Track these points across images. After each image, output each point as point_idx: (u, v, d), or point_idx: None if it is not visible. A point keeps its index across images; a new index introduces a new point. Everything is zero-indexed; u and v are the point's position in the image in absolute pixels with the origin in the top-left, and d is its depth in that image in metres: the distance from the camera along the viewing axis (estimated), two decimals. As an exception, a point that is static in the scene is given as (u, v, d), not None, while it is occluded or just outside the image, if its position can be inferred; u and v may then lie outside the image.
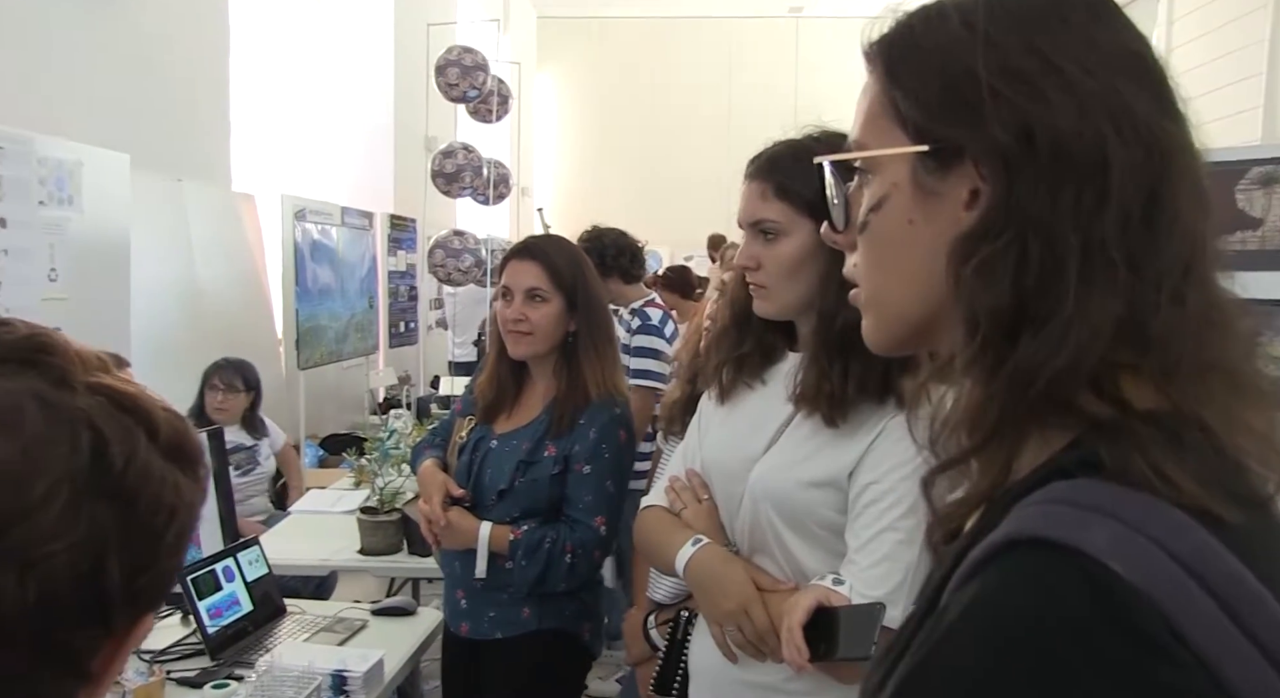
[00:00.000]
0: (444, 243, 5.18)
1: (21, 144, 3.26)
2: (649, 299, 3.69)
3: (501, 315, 2.00)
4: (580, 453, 1.93)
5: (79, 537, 0.49)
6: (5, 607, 0.47)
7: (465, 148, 5.42)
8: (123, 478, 0.52)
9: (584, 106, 13.08)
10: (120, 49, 4.15)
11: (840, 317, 1.23)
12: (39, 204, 3.36)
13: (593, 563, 1.96)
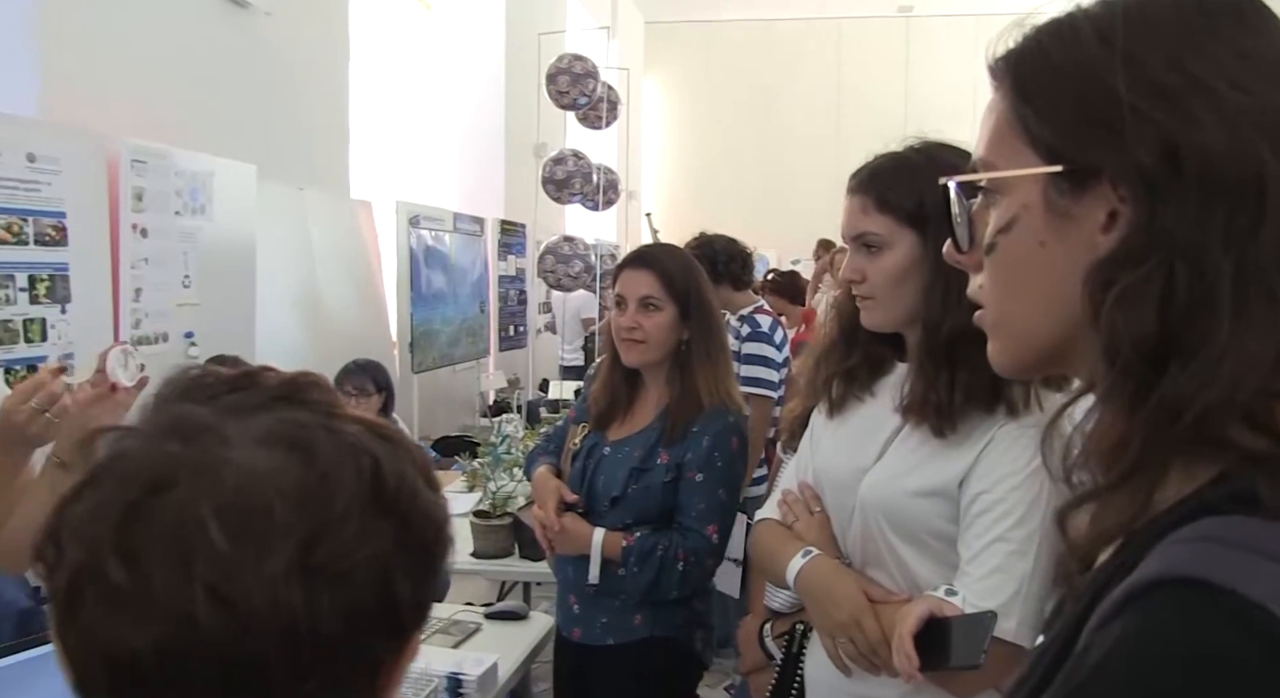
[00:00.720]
0: (554, 249, 5.24)
1: (161, 158, 3.43)
2: (758, 306, 3.66)
3: (615, 323, 2.01)
4: (693, 461, 1.92)
5: (373, 551, 0.53)
6: (321, 618, 0.51)
7: (575, 154, 5.48)
8: (397, 497, 0.55)
9: (690, 110, 13.08)
10: (248, 66, 4.33)
11: (945, 326, 1.23)
12: (175, 214, 3.53)
13: (705, 571, 1.95)
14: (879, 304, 1.32)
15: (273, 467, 0.52)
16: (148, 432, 0.55)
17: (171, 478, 0.51)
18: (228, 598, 0.49)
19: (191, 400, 0.56)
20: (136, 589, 0.49)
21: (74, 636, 0.51)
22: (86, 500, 0.52)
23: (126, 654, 0.49)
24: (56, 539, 0.52)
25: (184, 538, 0.50)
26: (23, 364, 2.82)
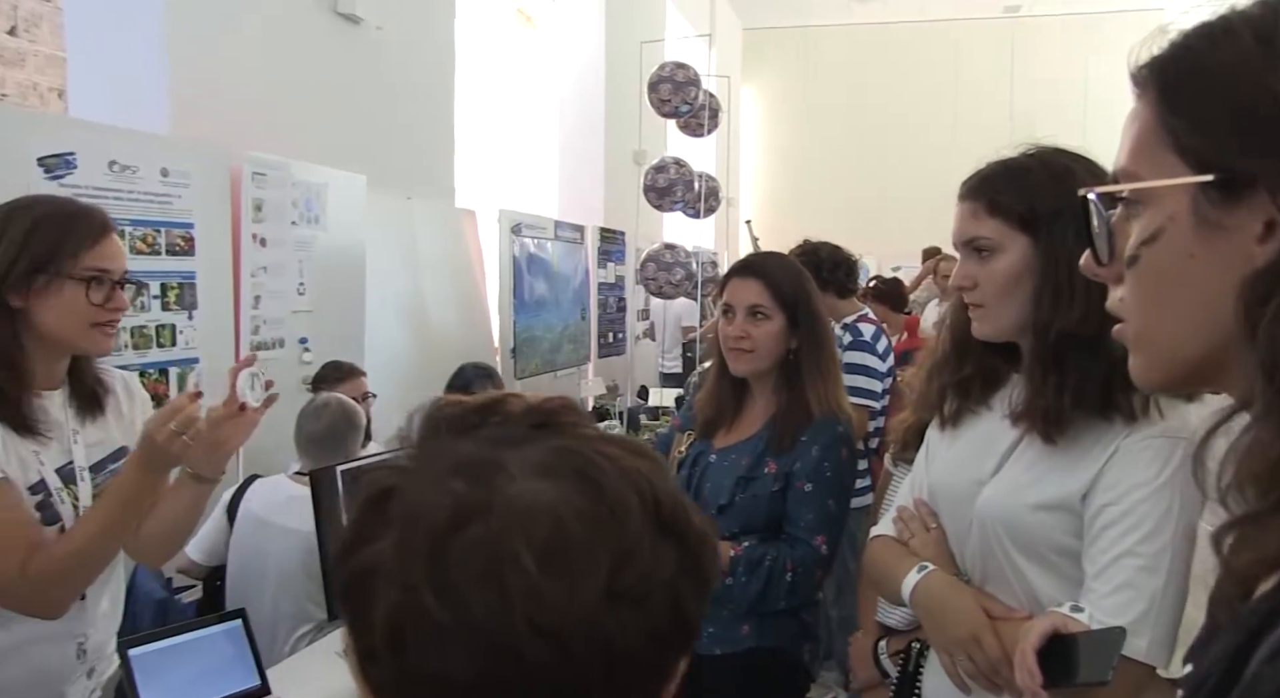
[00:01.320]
0: (655, 256, 5.26)
1: (280, 169, 3.57)
2: (862, 314, 3.60)
3: (723, 332, 2.00)
4: (802, 470, 1.90)
5: (665, 574, 0.54)
6: (630, 642, 0.52)
7: (677, 162, 5.50)
8: (674, 518, 0.56)
9: (788, 116, 12.99)
10: (359, 79, 4.46)
11: (1054, 330, 1.20)
12: (291, 224, 3.66)
13: (813, 582, 1.93)
14: (990, 312, 1.29)
15: (563, 498, 0.53)
16: (425, 471, 0.56)
17: (468, 515, 0.52)
18: (548, 628, 0.50)
19: (451, 434, 0.58)
20: (458, 623, 0.50)
21: (396, 675, 0.52)
22: (384, 542, 0.53)
23: (458, 686, 0.50)
24: (362, 583, 0.53)
25: (499, 572, 0.51)
26: (155, 368, 2.96)
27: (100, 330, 1.53)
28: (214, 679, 1.83)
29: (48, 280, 1.46)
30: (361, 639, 0.54)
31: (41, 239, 1.46)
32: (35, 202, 1.56)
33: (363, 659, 0.55)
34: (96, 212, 1.56)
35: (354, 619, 0.55)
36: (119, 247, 1.57)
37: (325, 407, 2.65)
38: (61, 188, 2.71)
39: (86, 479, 1.60)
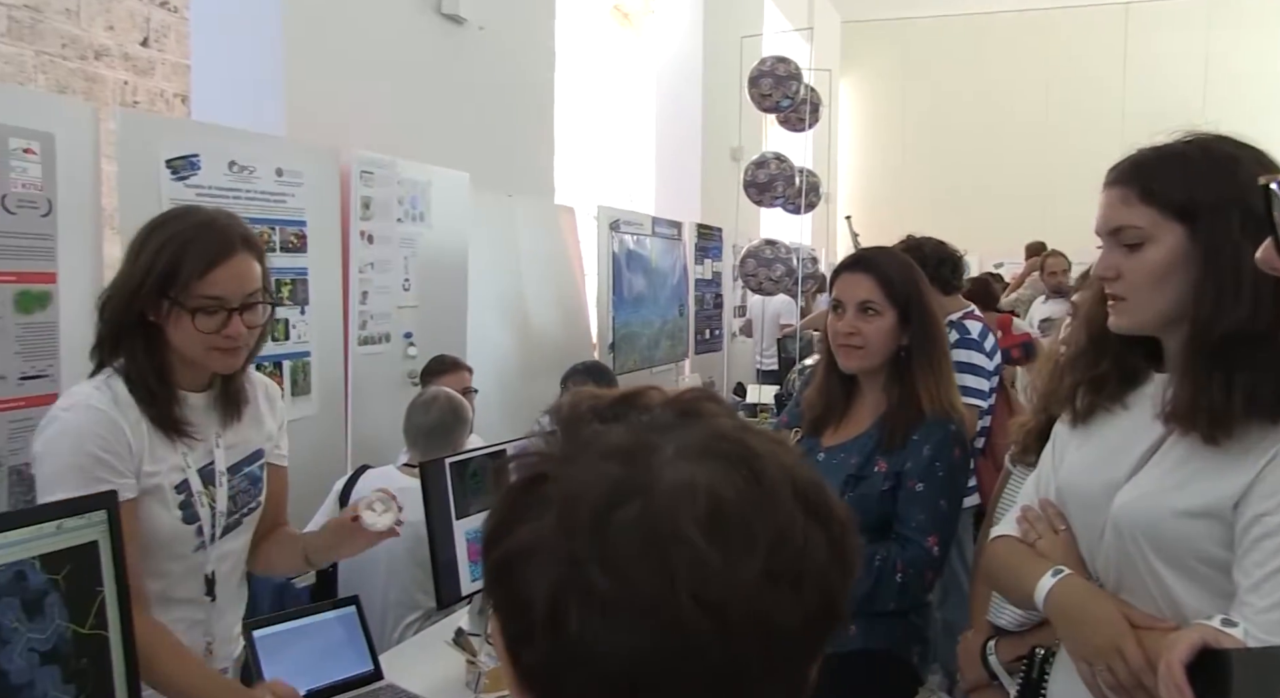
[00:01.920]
0: (756, 252, 5.22)
1: (387, 168, 3.65)
2: (968, 311, 3.50)
3: (832, 328, 1.97)
4: (913, 470, 1.86)
5: (816, 555, 0.55)
6: (787, 621, 0.53)
7: (777, 157, 5.44)
8: (818, 501, 0.57)
9: (887, 110, 12.73)
10: (462, 79, 4.54)
11: (1220, 325, 1.13)
12: (397, 221, 3.75)
13: (924, 584, 1.88)
14: (1131, 305, 1.22)
15: (719, 478, 0.54)
16: (578, 456, 0.56)
17: (628, 494, 0.53)
18: (711, 602, 0.50)
19: (595, 424, 0.58)
20: (623, 596, 0.50)
21: (552, 656, 0.52)
22: (541, 522, 0.53)
23: (618, 663, 0.50)
24: (518, 563, 0.54)
25: (662, 546, 0.51)
26: (269, 361, 3.07)
27: (219, 352, 1.53)
28: (330, 662, 1.88)
29: (168, 305, 1.48)
30: (514, 622, 0.54)
31: (164, 263, 1.47)
32: (173, 218, 1.55)
33: (514, 643, 0.55)
34: (221, 233, 1.52)
35: (507, 602, 0.55)
36: (241, 269, 1.52)
37: (434, 401, 2.70)
38: (187, 188, 2.82)
39: (224, 482, 1.64)
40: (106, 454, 1.46)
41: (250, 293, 1.53)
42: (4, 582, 1.17)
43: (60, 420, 1.49)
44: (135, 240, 1.54)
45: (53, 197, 2.42)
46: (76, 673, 1.24)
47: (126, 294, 1.49)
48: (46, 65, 3.69)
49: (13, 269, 2.35)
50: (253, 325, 1.55)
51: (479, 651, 1.93)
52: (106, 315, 1.52)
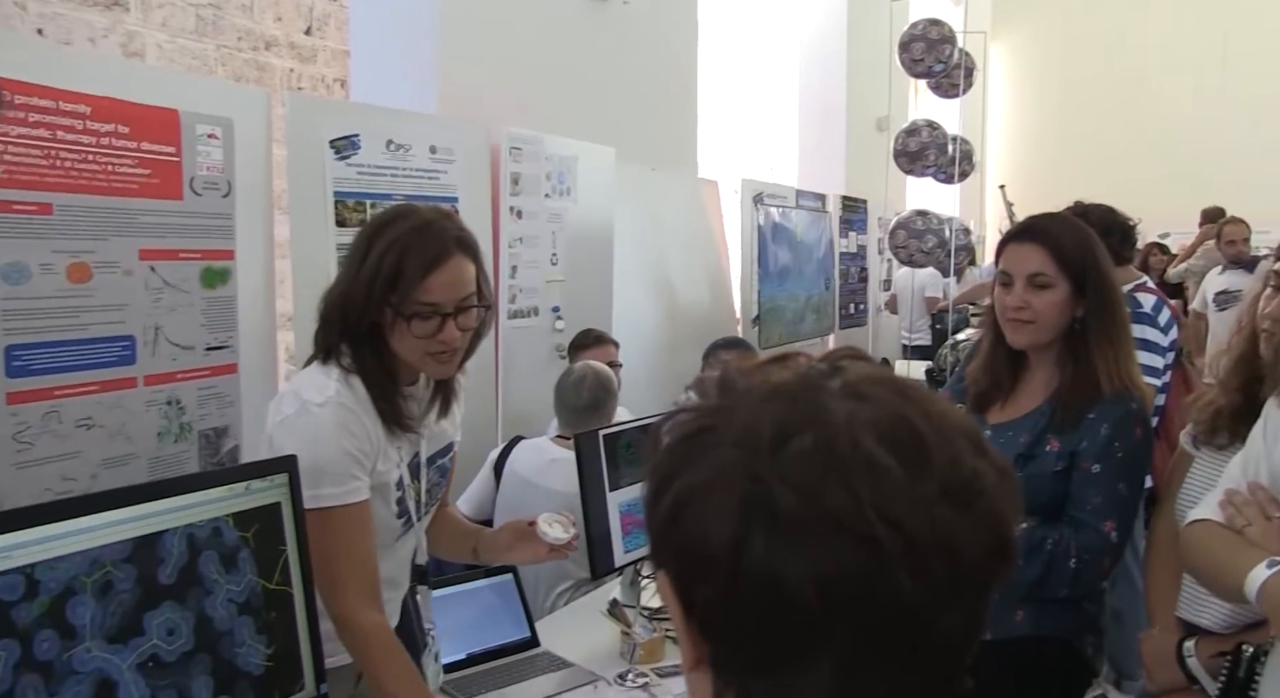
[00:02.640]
0: (906, 223, 5.07)
1: (534, 144, 3.70)
2: (1140, 283, 3.29)
3: (1000, 301, 1.87)
4: (1089, 450, 1.76)
5: (985, 484, 0.53)
6: (964, 544, 0.52)
7: (930, 125, 5.25)
8: (974, 434, 0.56)
9: (1042, 75, 12.09)
10: (607, 54, 4.55)
11: None
12: (545, 197, 3.80)
13: (1099, 571, 1.78)
14: None
15: (889, 410, 0.54)
16: (741, 403, 0.56)
17: (802, 425, 0.52)
18: (896, 519, 0.50)
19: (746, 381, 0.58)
20: (809, 514, 0.50)
21: (732, 587, 0.52)
22: (714, 459, 0.53)
23: (803, 585, 0.50)
24: (692, 499, 0.53)
25: (844, 464, 0.51)
26: (425, 334, 3.16)
27: (433, 358, 1.52)
28: (488, 628, 1.93)
29: (390, 311, 1.48)
30: (690, 561, 0.54)
31: (386, 269, 1.46)
32: (392, 221, 1.52)
33: (689, 584, 0.54)
34: (437, 237, 1.49)
35: (680, 543, 0.54)
36: (455, 273, 1.49)
37: (584, 379, 2.73)
38: (348, 167, 2.93)
39: (424, 473, 1.66)
40: (359, 453, 1.49)
41: (464, 297, 1.51)
42: (205, 536, 1.24)
43: (315, 416, 1.47)
44: (358, 244, 1.53)
45: (232, 178, 2.55)
46: (267, 626, 1.31)
47: (358, 302, 1.48)
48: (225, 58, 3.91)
49: (199, 247, 2.49)
50: (466, 329, 1.52)
51: (633, 622, 1.94)
52: (337, 319, 1.51)
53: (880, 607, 0.50)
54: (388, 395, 1.53)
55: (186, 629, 1.20)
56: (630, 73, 4.72)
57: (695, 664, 0.56)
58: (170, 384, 2.48)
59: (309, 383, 1.52)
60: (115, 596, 1.13)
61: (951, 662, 0.54)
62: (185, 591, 1.21)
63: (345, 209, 2.93)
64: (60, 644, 1.06)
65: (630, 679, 1.84)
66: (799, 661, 0.51)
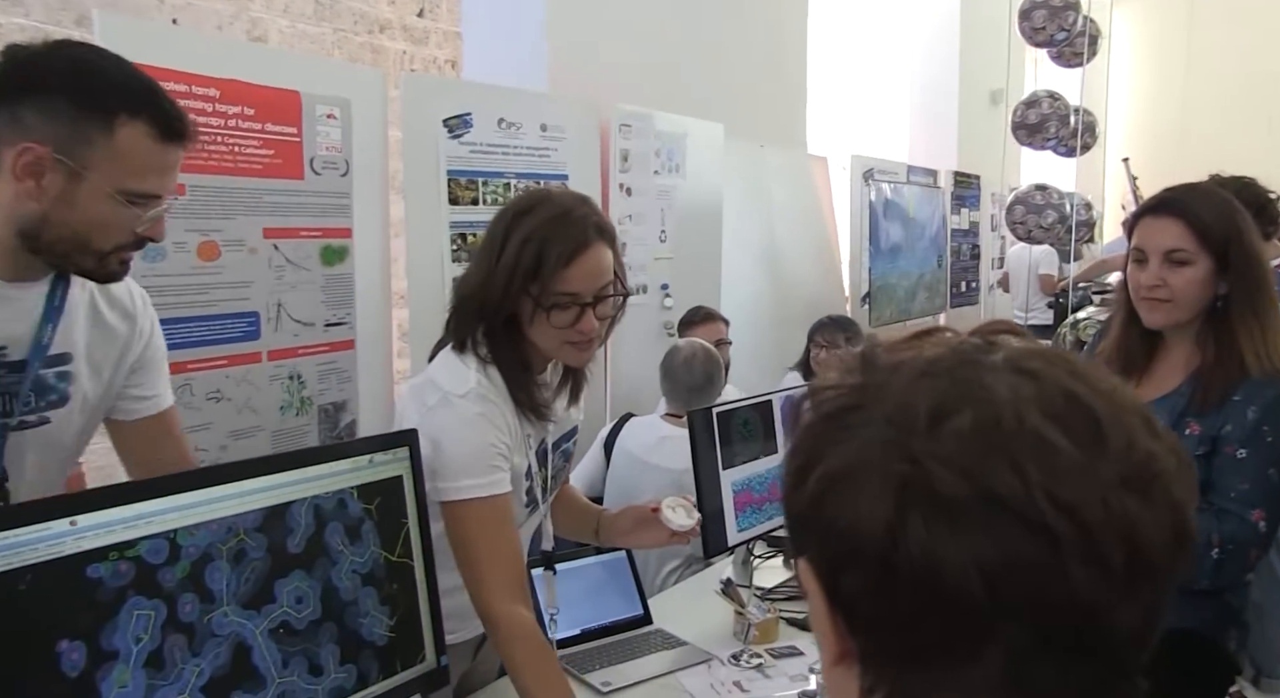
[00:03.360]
0: (1025, 198, 4.87)
1: (643, 120, 3.68)
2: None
3: (1133, 280, 1.77)
4: (1234, 434, 1.65)
5: (1161, 466, 0.50)
6: (1145, 532, 0.48)
7: (1051, 96, 5.03)
8: (1145, 412, 0.53)
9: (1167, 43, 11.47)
10: (716, 29, 4.49)
11: None
12: (654, 173, 3.78)
13: (1244, 562, 1.67)
14: None
15: (1057, 386, 0.49)
16: (892, 380, 0.52)
17: (961, 401, 0.49)
18: (1069, 504, 0.46)
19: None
20: (971, 497, 0.46)
21: (893, 571, 0.48)
22: (860, 440, 0.50)
23: (964, 573, 0.46)
24: (840, 483, 0.50)
25: (1011, 443, 0.47)
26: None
27: (572, 347, 1.50)
28: (602, 604, 1.94)
29: (529, 302, 1.46)
30: (836, 548, 0.50)
31: (525, 259, 1.44)
32: (530, 209, 1.48)
33: (835, 572, 0.51)
34: (577, 225, 1.46)
35: (826, 529, 0.51)
36: (596, 262, 1.47)
37: (694, 357, 2.71)
38: (461, 145, 2.96)
39: (550, 459, 1.65)
40: (501, 445, 1.48)
41: (603, 286, 1.49)
42: (331, 507, 1.26)
43: (457, 407, 1.47)
44: (495, 232, 1.50)
45: (349, 158, 2.60)
46: (389, 597, 1.33)
47: (497, 292, 1.46)
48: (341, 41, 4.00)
49: (318, 225, 2.56)
50: (604, 318, 1.51)
51: (747, 602, 1.92)
52: (474, 309, 1.50)
53: (1052, 598, 0.46)
54: (524, 385, 1.52)
55: (314, 598, 1.23)
56: (739, 49, 4.65)
57: (839, 658, 0.53)
58: (292, 359, 2.56)
59: (448, 373, 1.51)
60: (248, 563, 1.16)
61: (1128, 658, 0.50)
62: (312, 560, 1.23)
63: (458, 188, 2.97)
64: (200, 607, 1.10)
65: (745, 660, 1.82)
66: (962, 654, 0.48)
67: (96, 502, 1.02)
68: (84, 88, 1.19)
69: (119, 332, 1.41)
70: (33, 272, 1.28)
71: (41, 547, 0.97)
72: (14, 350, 1.27)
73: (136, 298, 1.45)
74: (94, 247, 1.24)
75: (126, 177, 1.22)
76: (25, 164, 1.17)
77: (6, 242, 1.23)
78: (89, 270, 1.29)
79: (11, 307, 1.27)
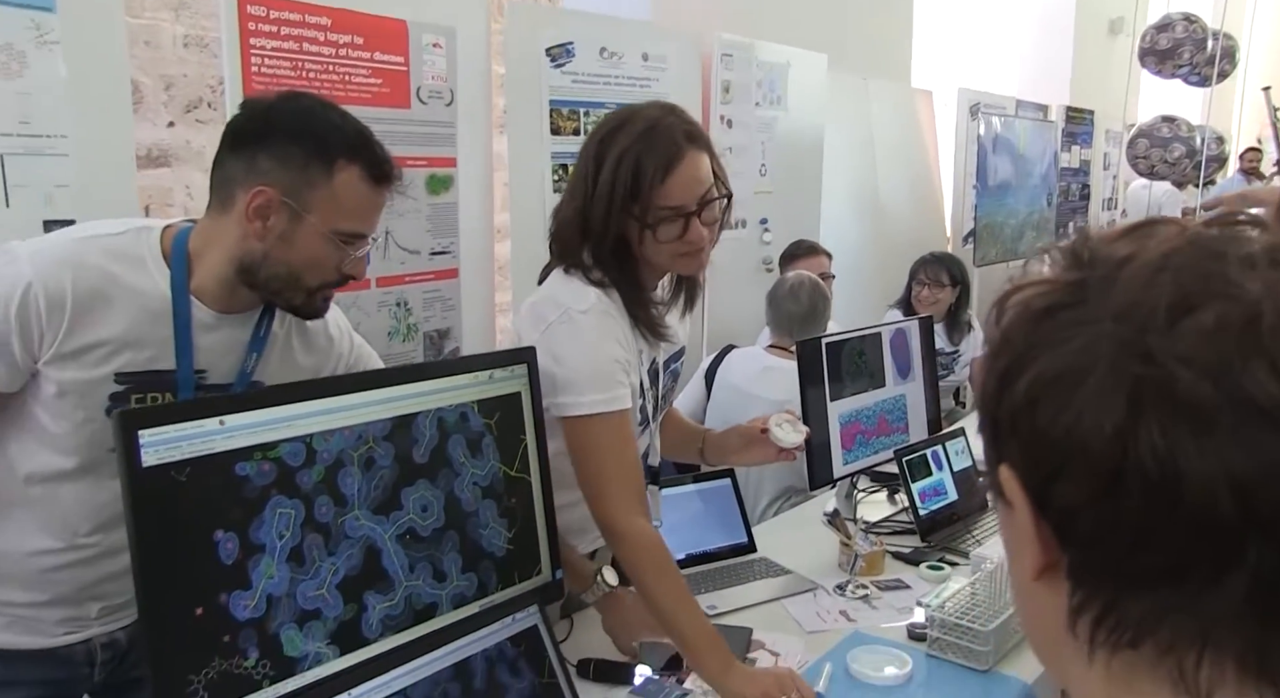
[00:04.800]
0: (1149, 131, 4.63)
1: (744, 51, 3.59)
2: None
3: None
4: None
5: None
6: None
7: (1186, 18, 4.72)
8: None
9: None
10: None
11: None
12: (755, 106, 3.70)
13: None
14: None
15: None
16: (1115, 273, 0.47)
17: (1206, 296, 0.44)
18: None
19: None
20: (1221, 403, 0.42)
21: (1120, 482, 0.44)
22: (1083, 339, 0.46)
23: (1209, 486, 0.42)
24: (1061, 385, 0.46)
25: (1264, 344, 0.42)
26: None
27: (684, 257, 1.49)
28: (707, 531, 1.95)
29: (634, 222, 1.45)
30: (1048, 458, 0.46)
31: (624, 177, 1.43)
32: (619, 126, 1.47)
33: (1046, 485, 0.47)
34: (666, 136, 1.43)
35: (1037, 438, 0.47)
36: (693, 170, 1.44)
37: (801, 286, 2.68)
38: (563, 75, 2.94)
39: (660, 379, 1.66)
40: (624, 361, 1.49)
41: (705, 192, 1.46)
42: (453, 420, 1.29)
43: (579, 322, 1.48)
44: (586, 159, 1.49)
45: (454, 87, 2.61)
46: (508, 510, 1.35)
47: (599, 218, 1.46)
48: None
49: (424, 154, 2.58)
50: (710, 223, 1.48)
51: (853, 534, 1.91)
52: (575, 237, 1.50)
53: None
54: (642, 304, 1.52)
55: (438, 507, 1.26)
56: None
57: (1042, 571, 0.49)
58: (399, 286, 2.60)
59: (568, 290, 1.51)
60: (377, 471, 1.19)
61: None
62: (436, 471, 1.26)
63: (560, 118, 2.95)
64: (334, 510, 1.14)
65: (850, 591, 1.81)
66: (1199, 577, 0.43)
67: (241, 404, 1.06)
68: (311, 135, 1.27)
69: (314, 361, 1.46)
70: (241, 304, 1.35)
71: (197, 442, 1.02)
72: (213, 375, 1.35)
73: (332, 327, 1.49)
74: (304, 283, 1.31)
75: (340, 217, 1.29)
76: (257, 207, 1.25)
77: (226, 277, 1.31)
78: (297, 306, 1.35)
79: (217, 335, 1.34)
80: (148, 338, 1.26)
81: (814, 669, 1.53)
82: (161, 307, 1.27)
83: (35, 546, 1.31)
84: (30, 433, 1.28)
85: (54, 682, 1.38)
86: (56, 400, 1.24)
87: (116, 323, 1.24)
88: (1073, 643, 0.48)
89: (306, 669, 1.10)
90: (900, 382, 2.27)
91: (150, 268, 1.27)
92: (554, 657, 1.30)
